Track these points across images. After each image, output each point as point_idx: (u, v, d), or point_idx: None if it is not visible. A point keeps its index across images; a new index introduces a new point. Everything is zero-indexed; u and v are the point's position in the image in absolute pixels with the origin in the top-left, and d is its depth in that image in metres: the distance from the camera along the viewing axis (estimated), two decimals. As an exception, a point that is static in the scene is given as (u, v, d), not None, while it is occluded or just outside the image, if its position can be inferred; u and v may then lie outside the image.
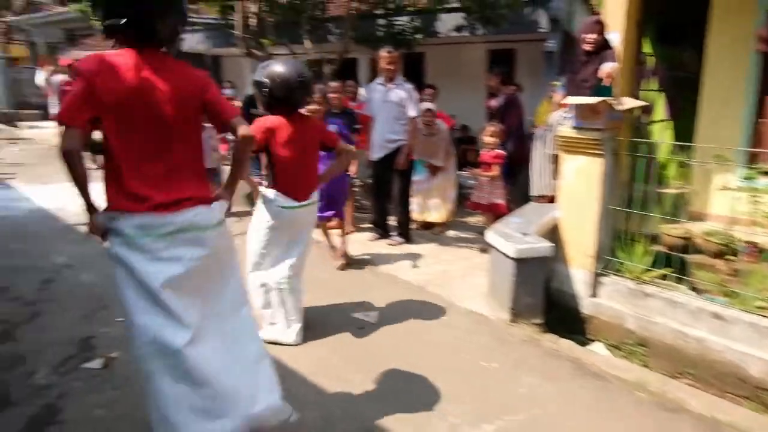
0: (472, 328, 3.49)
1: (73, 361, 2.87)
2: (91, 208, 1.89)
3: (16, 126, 14.58)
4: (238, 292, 2.14)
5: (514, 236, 3.57)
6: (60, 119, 1.74)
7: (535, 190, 5.03)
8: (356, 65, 9.93)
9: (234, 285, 2.11)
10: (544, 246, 3.48)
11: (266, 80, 2.91)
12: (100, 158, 2.40)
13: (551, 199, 4.55)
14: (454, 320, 3.58)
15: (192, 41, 10.75)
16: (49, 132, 13.42)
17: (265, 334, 3.03)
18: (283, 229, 3.05)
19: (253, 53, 6.79)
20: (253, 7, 6.88)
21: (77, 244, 4.78)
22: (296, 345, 3.13)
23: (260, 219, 3.05)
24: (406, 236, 5.18)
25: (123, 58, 1.81)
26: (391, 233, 5.20)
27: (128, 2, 1.79)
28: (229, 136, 2.29)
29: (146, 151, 1.86)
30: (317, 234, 5.07)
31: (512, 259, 3.42)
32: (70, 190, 1.84)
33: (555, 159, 4.48)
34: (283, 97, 2.93)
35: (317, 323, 3.40)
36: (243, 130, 1.99)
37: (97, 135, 1.88)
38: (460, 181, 6.37)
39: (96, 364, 2.84)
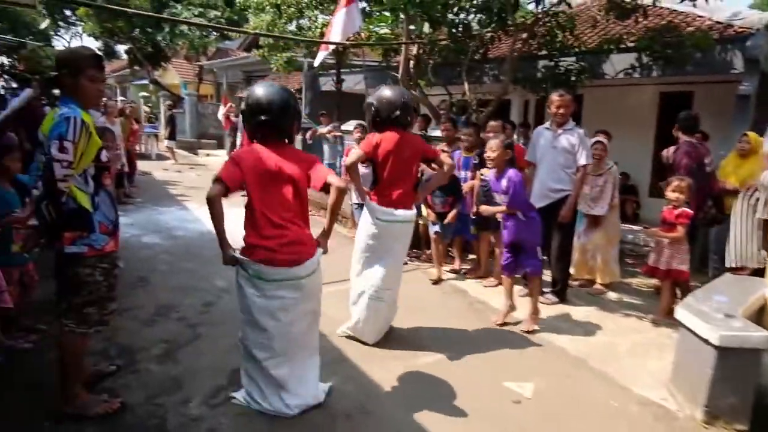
0: (652, 423, 2.86)
1: (223, 393, 2.88)
2: (223, 244, 2.66)
3: (196, 153, 16.71)
4: (316, 333, 2.87)
5: (715, 318, 2.90)
6: (219, 177, 2.56)
7: (733, 259, 4.19)
8: (509, 107, 9.59)
9: (315, 324, 2.84)
10: (758, 335, 2.76)
11: (374, 102, 3.40)
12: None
13: (754, 272, 3.72)
14: (627, 410, 2.98)
15: (350, 82, 11.37)
16: (221, 160, 15.19)
17: (349, 329, 3.58)
18: (380, 240, 3.41)
19: (413, 95, 6.84)
20: (414, 50, 6.98)
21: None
22: (371, 344, 3.54)
23: (363, 227, 3.48)
24: (562, 295, 4.63)
25: (261, 150, 2.64)
26: (543, 290, 4.69)
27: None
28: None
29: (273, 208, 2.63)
30: (466, 286, 4.99)
31: (713, 346, 2.76)
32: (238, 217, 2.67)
33: (766, 225, 3.66)
34: (386, 117, 3.35)
35: (466, 387, 3.06)
36: (337, 182, 2.61)
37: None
38: (622, 235, 5.64)
39: (240, 395, 2.81)
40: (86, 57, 2.46)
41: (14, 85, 10.03)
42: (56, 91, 2.57)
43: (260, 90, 2.67)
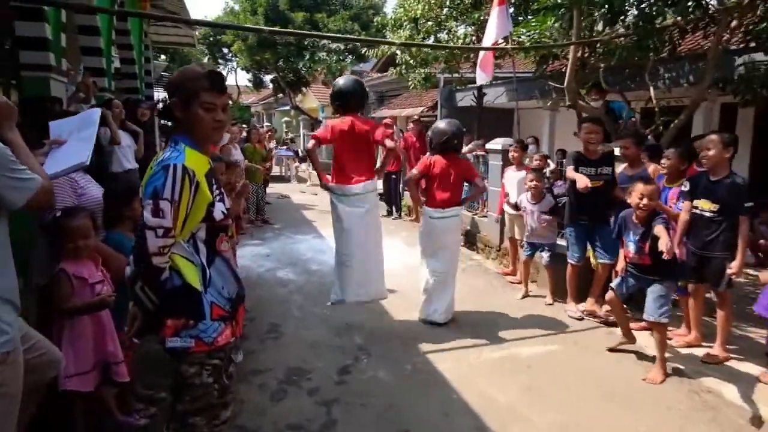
0: None
1: None
2: (320, 176, 4.01)
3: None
4: (380, 233, 4.13)
5: None
6: (314, 136, 4.01)
7: None
8: (735, 117, 7.65)
9: (378, 226, 4.11)
10: None
11: (430, 133, 4.36)
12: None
13: None
14: None
15: (491, 96, 10.30)
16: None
17: (420, 313, 4.29)
18: (430, 234, 4.24)
19: (579, 105, 5.60)
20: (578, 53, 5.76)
21: (377, 319, 4.30)
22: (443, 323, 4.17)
23: (421, 225, 4.40)
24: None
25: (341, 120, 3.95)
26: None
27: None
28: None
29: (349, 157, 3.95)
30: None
31: None
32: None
33: None
34: (438, 144, 4.21)
35: None
36: (389, 144, 3.90)
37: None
38: None
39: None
40: (199, 77, 1.77)
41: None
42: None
43: (339, 81, 4.15)
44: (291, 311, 4.50)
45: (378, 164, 4.23)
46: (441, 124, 4.30)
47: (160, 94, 16.35)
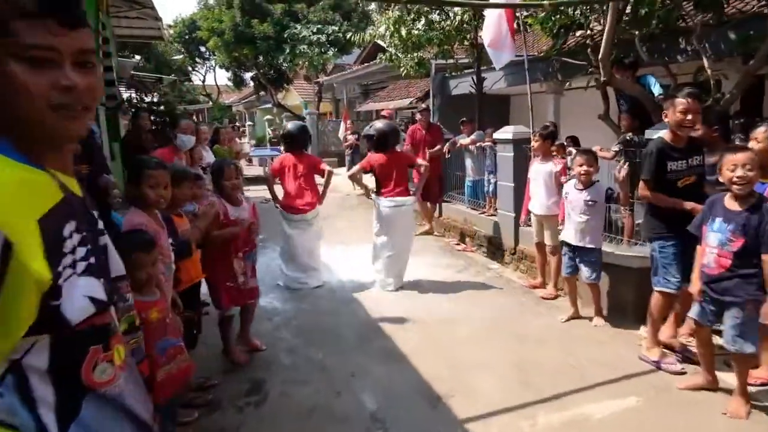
0: None
1: None
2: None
3: (319, 173, 15.71)
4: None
5: None
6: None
7: None
8: (762, 88, 6.64)
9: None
10: None
11: (373, 133, 4.94)
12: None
13: None
14: None
15: (488, 82, 9.31)
16: (342, 179, 13.95)
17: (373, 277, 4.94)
18: (384, 220, 4.79)
19: (615, 80, 4.58)
20: (598, 26, 4.81)
21: (394, 371, 3.24)
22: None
23: (375, 214, 4.91)
24: None
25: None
26: None
27: None
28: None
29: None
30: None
31: None
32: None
33: None
34: (378, 142, 4.84)
35: None
36: (326, 168, 4.91)
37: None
38: None
39: None
40: None
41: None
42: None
43: (288, 125, 5.20)
44: (278, 357, 3.45)
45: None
46: (378, 124, 5.12)
47: (129, 94, 15.00)
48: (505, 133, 6.26)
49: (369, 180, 5.02)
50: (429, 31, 7.54)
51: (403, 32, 7.81)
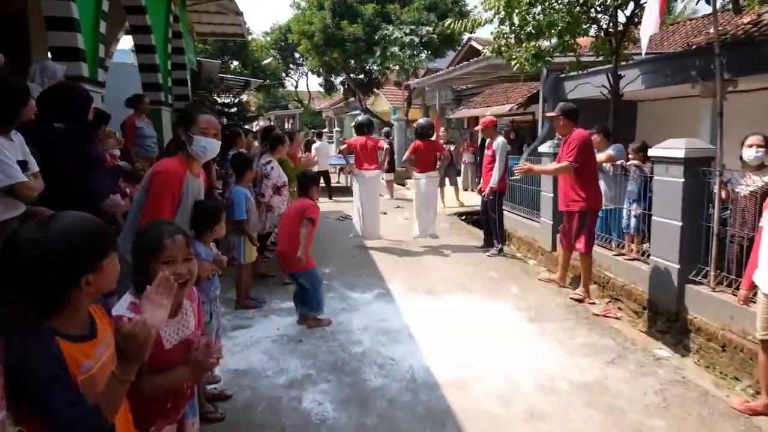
0: None
1: None
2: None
3: (404, 184, 14.08)
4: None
5: None
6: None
7: None
8: None
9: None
10: None
11: (416, 126, 6.74)
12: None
13: None
14: None
15: (597, 82, 7.20)
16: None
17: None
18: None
19: None
20: None
21: None
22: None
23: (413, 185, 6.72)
24: None
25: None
26: None
27: None
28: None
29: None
30: None
31: None
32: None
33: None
34: (419, 133, 6.59)
35: None
36: (383, 144, 6.84)
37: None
38: None
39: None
40: None
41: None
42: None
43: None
44: None
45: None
46: (421, 120, 6.98)
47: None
48: (671, 148, 4.26)
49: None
50: (552, 14, 5.68)
51: (516, 19, 6.02)
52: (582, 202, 4.57)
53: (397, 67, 16.58)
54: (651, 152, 4.47)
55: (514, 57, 6.03)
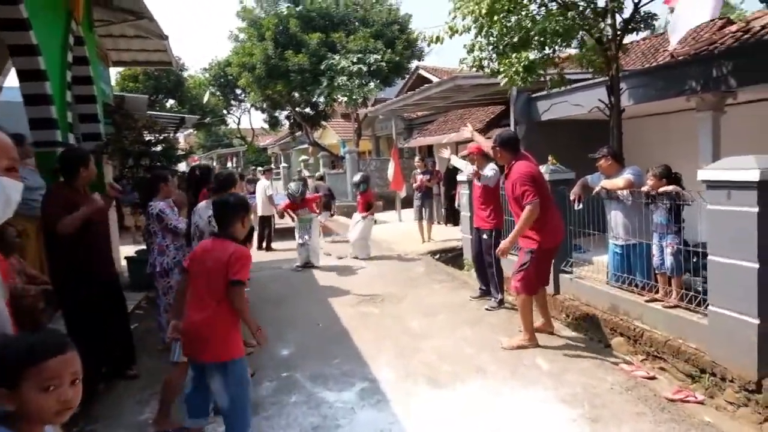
0: None
1: None
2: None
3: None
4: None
5: None
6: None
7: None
8: None
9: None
10: None
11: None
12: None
13: None
14: None
15: (579, 100, 6.34)
16: (393, 227, 10.94)
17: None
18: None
19: None
20: None
21: None
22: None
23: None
24: None
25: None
26: None
27: None
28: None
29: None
30: None
31: None
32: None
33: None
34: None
35: None
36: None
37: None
38: None
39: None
40: None
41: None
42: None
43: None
44: None
45: None
46: (356, 177, 8.21)
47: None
48: (736, 169, 3.24)
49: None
50: (543, 20, 4.70)
51: (494, 30, 5.02)
52: (531, 240, 3.97)
53: (346, 98, 15.51)
54: (703, 174, 3.43)
55: (501, 71, 4.98)
